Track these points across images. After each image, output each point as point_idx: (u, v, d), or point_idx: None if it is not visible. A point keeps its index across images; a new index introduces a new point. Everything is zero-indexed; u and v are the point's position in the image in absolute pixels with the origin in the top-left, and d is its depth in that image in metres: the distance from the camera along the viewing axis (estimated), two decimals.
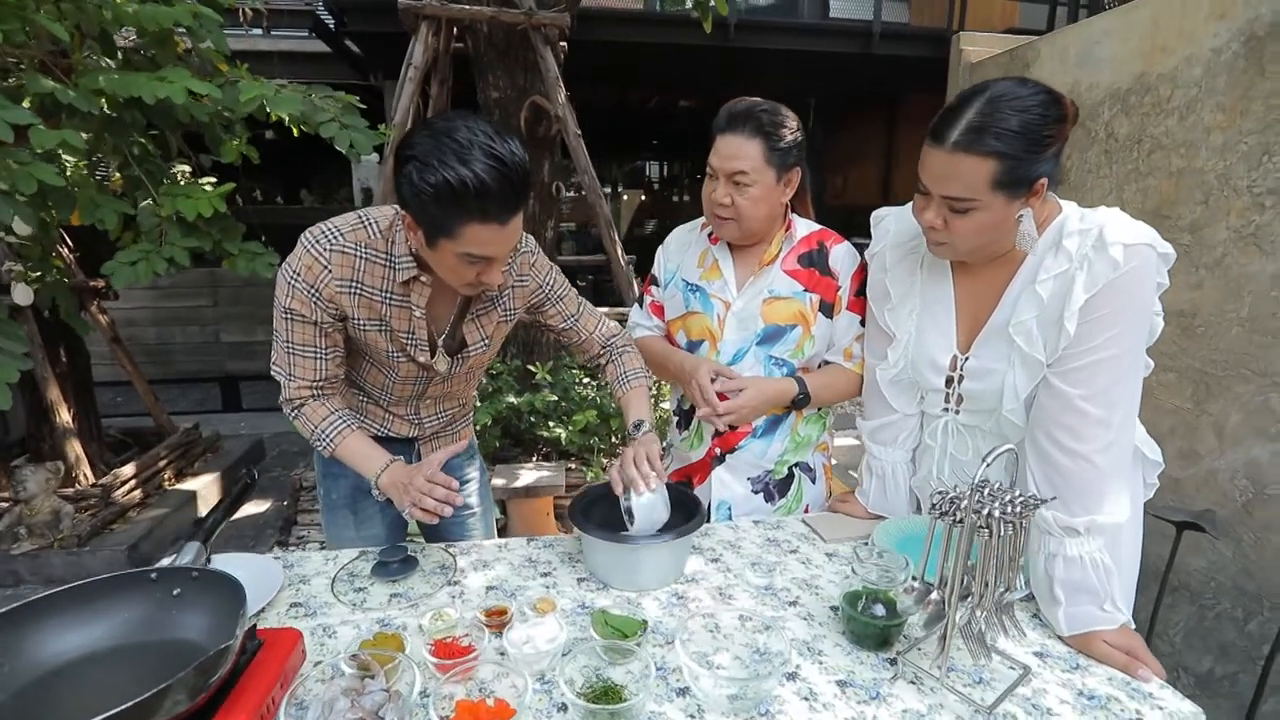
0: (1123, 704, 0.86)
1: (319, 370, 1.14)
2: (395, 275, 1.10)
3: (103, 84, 1.57)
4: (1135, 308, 0.98)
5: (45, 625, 0.74)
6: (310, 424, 1.16)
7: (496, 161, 0.93)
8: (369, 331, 1.13)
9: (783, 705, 0.85)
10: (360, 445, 1.16)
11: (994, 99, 0.94)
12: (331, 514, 1.37)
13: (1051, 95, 0.95)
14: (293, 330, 1.10)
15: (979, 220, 1.00)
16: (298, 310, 1.08)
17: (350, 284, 1.08)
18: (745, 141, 1.23)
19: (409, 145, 0.96)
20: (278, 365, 1.15)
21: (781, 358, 1.34)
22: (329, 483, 1.36)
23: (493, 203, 0.95)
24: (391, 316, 1.13)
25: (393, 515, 1.40)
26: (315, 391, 1.16)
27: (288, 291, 1.08)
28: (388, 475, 1.11)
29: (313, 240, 1.07)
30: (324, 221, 1.10)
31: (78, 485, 2.91)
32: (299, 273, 1.07)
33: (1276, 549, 1.60)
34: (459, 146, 0.93)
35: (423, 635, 0.94)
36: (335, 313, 1.10)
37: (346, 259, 1.07)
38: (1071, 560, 0.98)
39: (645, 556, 1.08)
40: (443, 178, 0.92)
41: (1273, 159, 1.59)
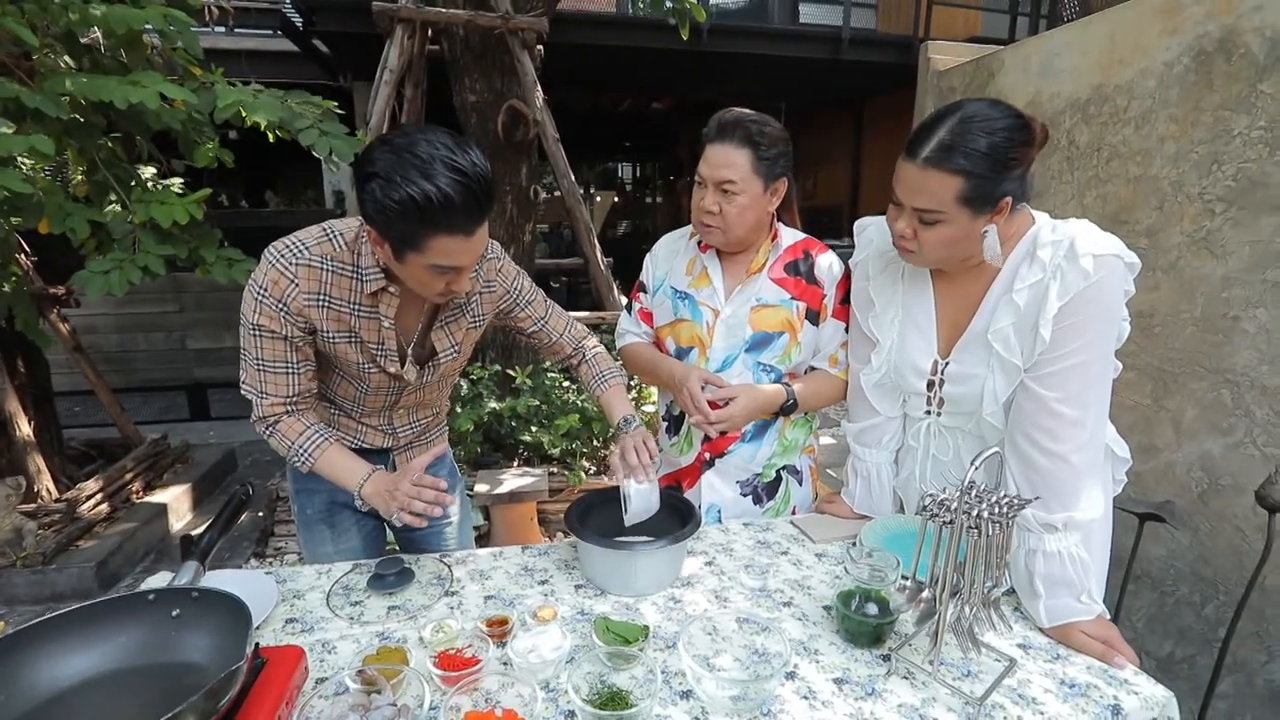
0: (1101, 691, 0.91)
1: (291, 386, 1.13)
2: (363, 287, 1.10)
3: (70, 87, 1.52)
4: (1105, 315, 1.04)
5: (42, 652, 0.72)
6: (286, 440, 1.14)
7: (459, 174, 0.94)
8: (338, 344, 1.13)
9: (784, 704, 0.87)
10: (339, 458, 1.15)
11: (965, 119, 0.99)
12: (307, 530, 1.35)
13: (1021, 120, 1.00)
14: (262, 347, 1.09)
15: (944, 233, 1.05)
16: (267, 326, 1.07)
17: (318, 297, 1.08)
18: (733, 151, 1.26)
19: (370, 162, 0.96)
20: (248, 384, 1.13)
21: (769, 364, 1.38)
22: (303, 498, 1.34)
23: (458, 215, 0.96)
24: (361, 328, 1.13)
25: (370, 528, 1.40)
26: (289, 407, 1.14)
27: (255, 308, 1.07)
28: (370, 484, 1.11)
29: (277, 255, 1.06)
30: (288, 236, 1.09)
31: (40, 501, 2.79)
32: (265, 288, 1.06)
33: (1229, 537, 1.69)
34: (420, 161, 0.93)
35: (425, 648, 0.94)
36: (304, 326, 1.09)
37: (313, 272, 1.07)
38: (1050, 555, 1.03)
39: (642, 562, 1.10)
40: (407, 194, 0.92)
41: (1221, 168, 1.67)
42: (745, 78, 6.57)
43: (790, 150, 1.32)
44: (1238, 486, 1.67)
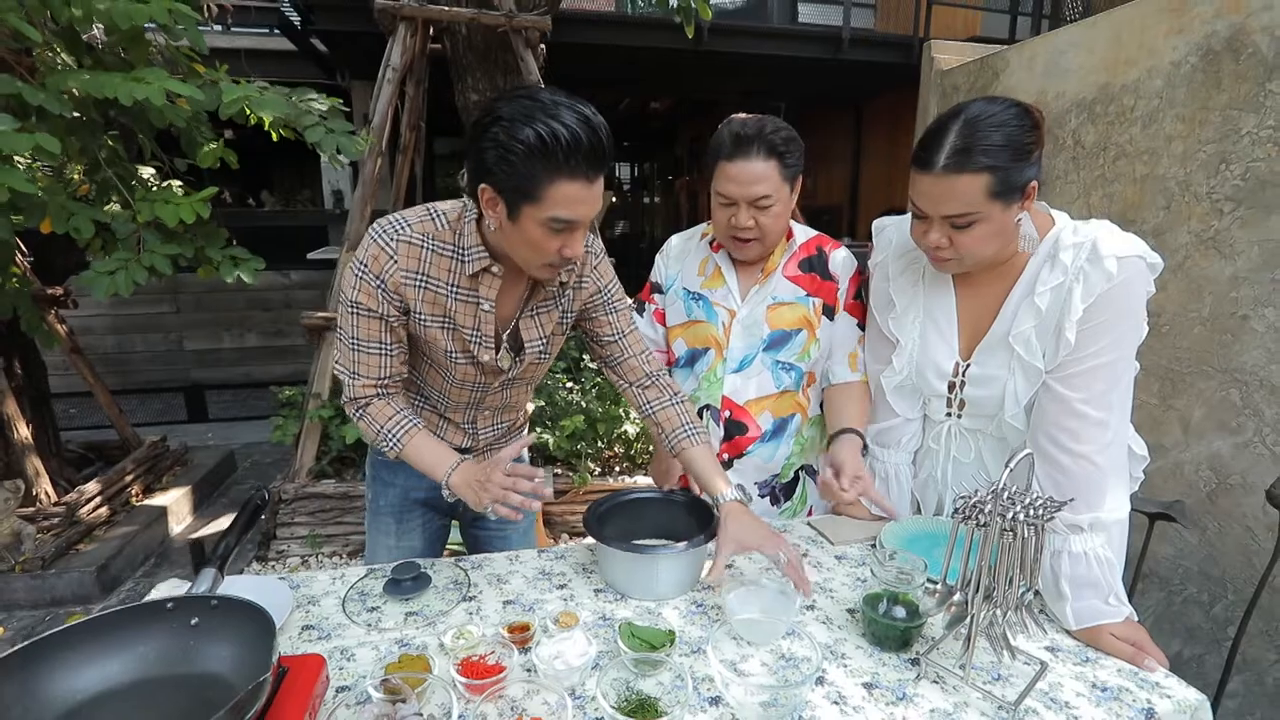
0: (1134, 694, 0.90)
1: (384, 367, 1.11)
2: (463, 268, 1.08)
3: (74, 84, 1.50)
4: (1128, 316, 1.04)
5: (59, 663, 0.70)
6: (376, 424, 1.12)
7: (583, 118, 0.94)
8: (430, 327, 1.11)
9: (814, 710, 0.86)
10: (428, 444, 1.13)
11: (971, 120, 0.99)
12: (375, 520, 1.35)
13: (1021, 106, 1.01)
14: (358, 325, 1.08)
15: (982, 231, 1.04)
16: (364, 304, 1.06)
17: (416, 275, 1.07)
18: (760, 164, 1.24)
19: (492, 111, 0.95)
20: (340, 364, 1.13)
21: (788, 361, 1.37)
22: (378, 487, 1.34)
23: (581, 157, 0.94)
24: (456, 311, 1.10)
25: (435, 528, 1.39)
26: (380, 390, 1.13)
27: (355, 284, 1.06)
28: (459, 474, 1.09)
29: (380, 231, 1.06)
30: (393, 213, 1.09)
31: (39, 504, 2.76)
32: (366, 264, 1.05)
33: (1238, 536, 1.69)
34: (545, 105, 0.93)
35: (446, 655, 0.92)
36: (400, 305, 1.08)
37: (413, 250, 1.06)
38: (1076, 556, 1.02)
39: (664, 566, 1.08)
40: (534, 131, 0.91)
41: (1229, 167, 1.67)
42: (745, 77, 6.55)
43: (803, 145, 1.31)
44: (1247, 486, 1.67)
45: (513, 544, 1.42)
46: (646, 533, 1.21)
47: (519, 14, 2.89)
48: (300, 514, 2.83)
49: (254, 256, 1.86)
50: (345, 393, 1.14)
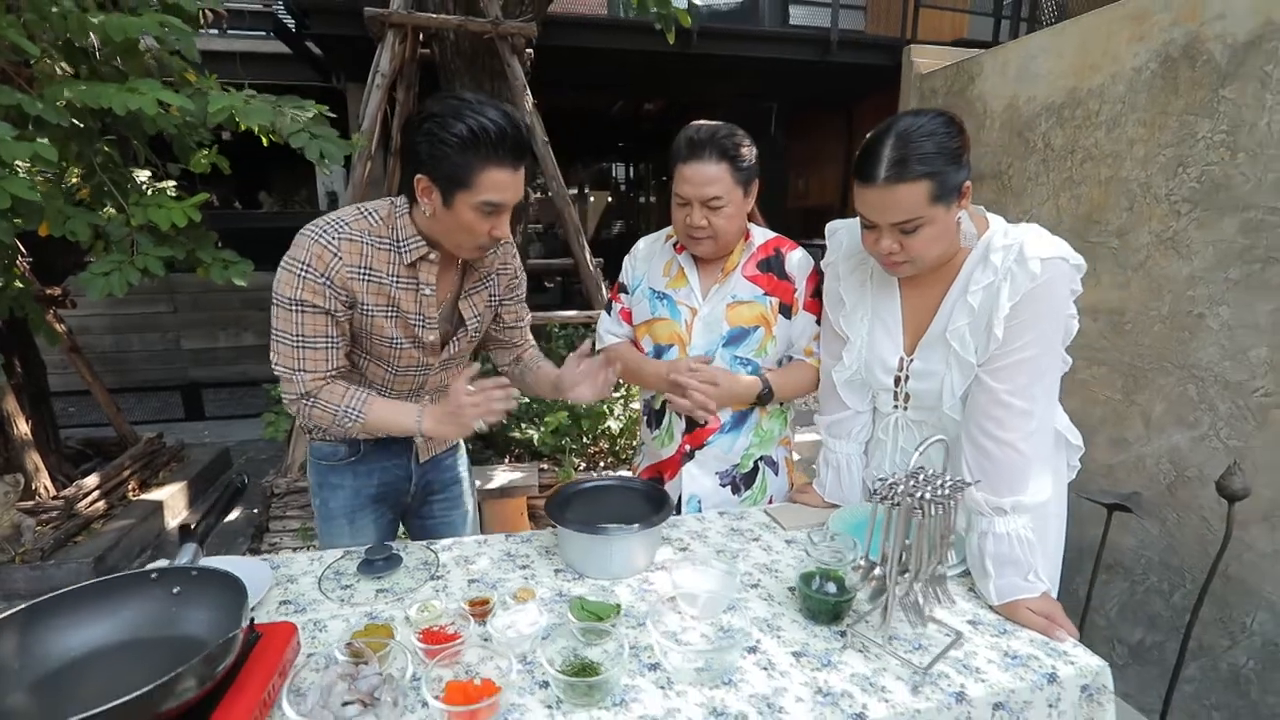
0: (1040, 661, 0.98)
1: (330, 360, 1.18)
2: (401, 258, 1.17)
3: (70, 95, 1.58)
4: (1051, 313, 1.11)
5: (53, 625, 0.78)
6: (331, 406, 1.19)
7: (504, 113, 1.08)
8: (376, 316, 1.18)
9: (744, 675, 0.94)
10: (387, 407, 1.22)
11: (902, 133, 1.07)
12: (327, 524, 1.41)
13: (946, 115, 1.09)
14: (303, 323, 1.14)
15: (929, 233, 1.11)
16: (309, 300, 1.13)
17: (360, 270, 1.15)
18: (712, 166, 1.32)
19: (423, 111, 1.08)
20: (282, 364, 1.17)
21: (746, 357, 1.44)
22: (326, 493, 1.40)
23: (507, 147, 1.08)
24: (400, 299, 1.19)
25: (385, 523, 1.45)
26: (326, 381, 1.20)
27: (297, 284, 1.12)
28: (429, 420, 1.19)
29: (319, 231, 1.13)
30: (323, 216, 1.17)
31: (38, 498, 2.84)
32: (308, 264, 1.12)
33: (1195, 526, 1.75)
34: (471, 104, 1.07)
35: (410, 626, 1.00)
36: (346, 299, 1.15)
37: (355, 246, 1.14)
38: (1000, 537, 1.10)
39: (617, 546, 1.16)
40: (465, 126, 1.04)
41: (1187, 170, 1.72)
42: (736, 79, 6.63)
43: (756, 150, 1.39)
44: (1202, 478, 1.72)
45: (456, 532, 1.50)
46: (605, 518, 1.29)
47: (504, 21, 2.97)
48: (292, 507, 2.91)
49: (243, 259, 1.94)
50: (288, 391, 1.19)
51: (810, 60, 6.05)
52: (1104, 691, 0.98)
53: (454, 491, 1.51)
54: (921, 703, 0.89)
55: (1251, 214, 1.57)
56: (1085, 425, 2.01)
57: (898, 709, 0.88)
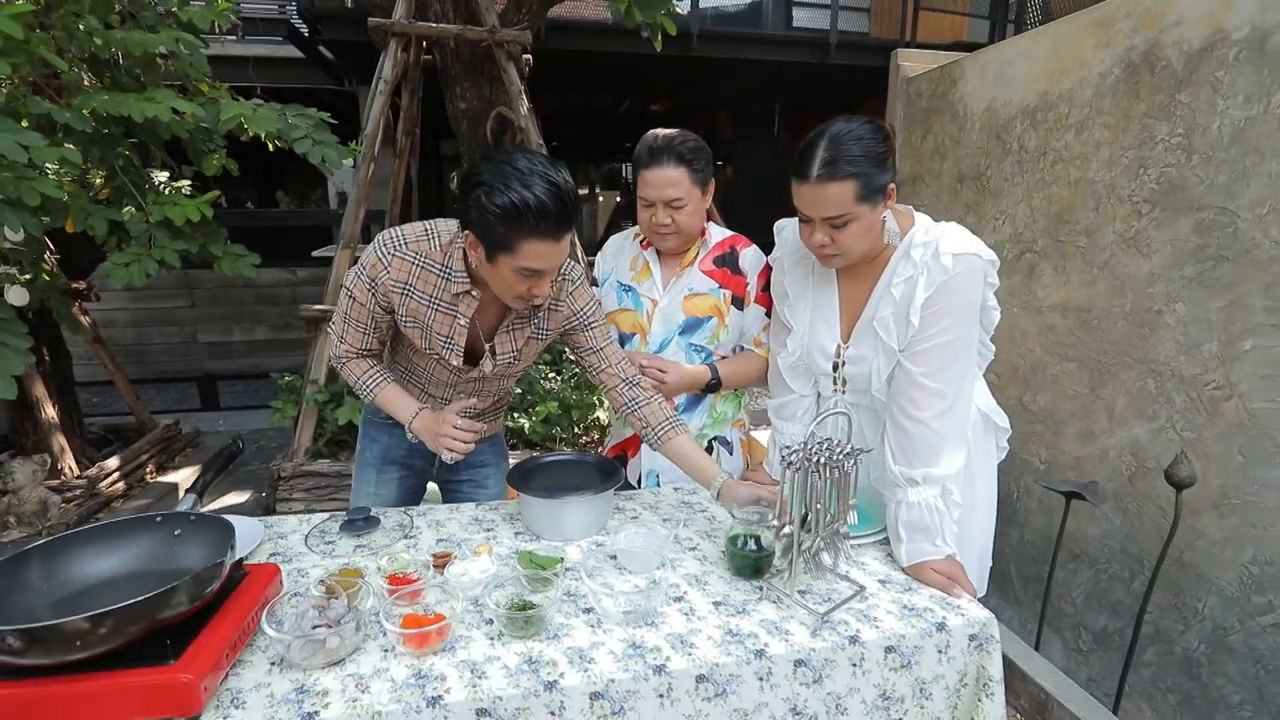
0: (934, 612, 1.10)
1: (364, 341, 1.37)
2: (448, 286, 1.27)
3: (94, 104, 1.75)
4: (963, 304, 1.22)
5: (74, 555, 0.93)
6: (354, 375, 1.39)
7: (553, 186, 1.10)
8: (409, 327, 1.34)
9: (666, 619, 1.07)
10: (395, 395, 1.39)
11: (834, 136, 1.18)
12: (361, 469, 1.59)
13: (874, 123, 1.21)
14: (350, 307, 1.33)
15: (856, 229, 1.23)
16: (357, 295, 1.31)
17: (403, 285, 1.28)
18: (671, 170, 1.46)
19: (476, 173, 1.13)
20: (333, 326, 1.39)
21: (700, 344, 1.58)
22: (365, 442, 1.59)
23: (549, 222, 1.11)
24: (434, 320, 1.31)
25: (410, 484, 1.61)
26: (359, 354, 1.39)
27: (354, 277, 1.30)
28: (419, 421, 1.34)
29: (382, 243, 1.28)
30: (398, 227, 1.30)
31: (63, 477, 3.05)
32: (365, 267, 1.28)
33: (1153, 516, 1.82)
34: (521, 174, 1.10)
35: (380, 573, 1.14)
36: (386, 305, 1.32)
37: (404, 265, 1.27)
38: (912, 505, 1.21)
39: (570, 510, 1.30)
40: (509, 200, 1.08)
41: (1147, 171, 1.79)
42: (738, 81, 6.74)
43: (710, 154, 1.53)
44: (1160, 469, 1.75)
45: (486, 498, 1.63)
46: (564, 488, 1.43)
47: (500, 29, 3.11)
48: (298, 490, 3.09)
49: (250, 253, 2.11)
50: (331, 349, 1.41)
51: (810, 62, 6.13)
52: (991, 641, 1.09)
53: (480, 474, 1.63)
54: (818, 644, 1.01)
55: (1204, 214, 1.64)
56: (1055, 419, 2.11)
57: (795, 647, 1.00)
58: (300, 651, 0.90)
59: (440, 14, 3.30)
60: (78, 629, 0.72)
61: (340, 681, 0.90)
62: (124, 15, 2.12)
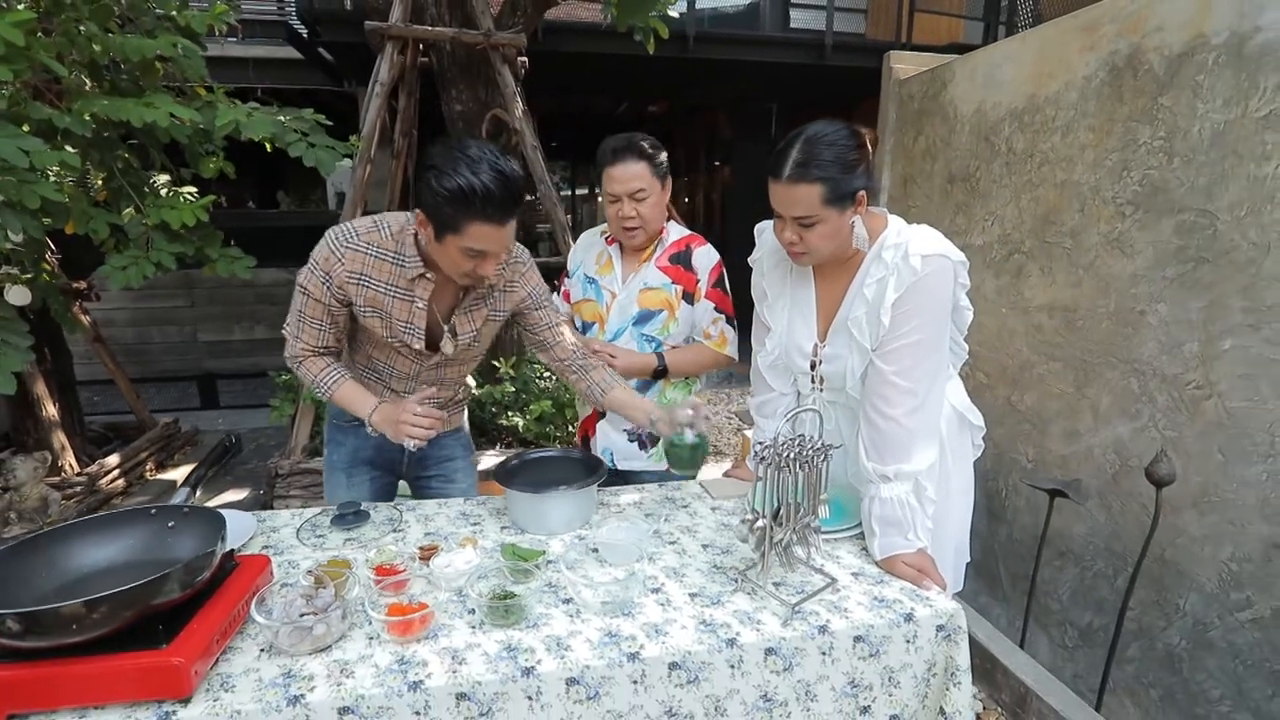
0: (903, 604, 1.13)
1: (320, 339, 1.40)
2: (403, 272, 1.34)
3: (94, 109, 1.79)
4: (931, 304, 1.26)
5: (72, 545, 0.97)
6: (311, 374, 1.41)
7: (499, 174, 1.18)
8: (369, 317, 1.37)
9: (643, 609, 1.10)
10: (353, 391, 1.41)
11: (809, 139, 1.21)
12: (331, 474, 1.62)
13: (850, 129, 1.23)
14: (305, 304, 1.36)
15: (822, 231, 1.26)
16: (311, 290, 1.34)
17: (358, 276, 1.33)
18: (634, 165, 1.57)
19: (430, 157, 1.20)
20: (289, 325, 1.40)
21: (651, 335, 1.69)
22: (332, 447, 1.61)
23: (494, 206, 1.19)
24: (393, 307, 1.36)
25: (383, 483, 1.64)
26: (314, 352, 1.42)
27: (308, 273, 1.34)
28: (379, 414, 1.37)
29: (334, 237, 1.33)
30: (347, 222, 1.36)
31: (63, 474, 3.09)
32: (318, 261, 1.33)
33: (1135, 513, 1.85)
34: (470, 160, 1.17)
35: (367, 565, 1.18)
36: (342, 298, 1.35)
37: (358, 255, 1.32)
38: (885, 500, 1.25)
39: (554, 504, 1.34)
40: (457, 184, 1.15)
41: (1130, 174, 1.81)
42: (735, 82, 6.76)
43: (666, 154, 1.64)
44: (1142, 467, 1.78)
45: (458, 493, 1.66)
46: (549, 483, 1.46)
47: (495, 33, 3.15)
48: (295, 487, 3.13)
49: (245, 255, 2.16)
50: (288, 350, 1.41)
51: (806, 64, 6.16)
52: (959, 631, 1.13)
53: (449, 468, 1.67)
54: (788, 633, 1.05)
55: (1185, 216, 1.66)
56: (1042, 418, 2.14)
57: (766, 636, 1.04)
58: (288, 638, 0.94)
59: (436, 17, 3.34)
60: (74, 613, 0.76)
61: (326, 667, 0.94)
62: (123, 19, 2.16)
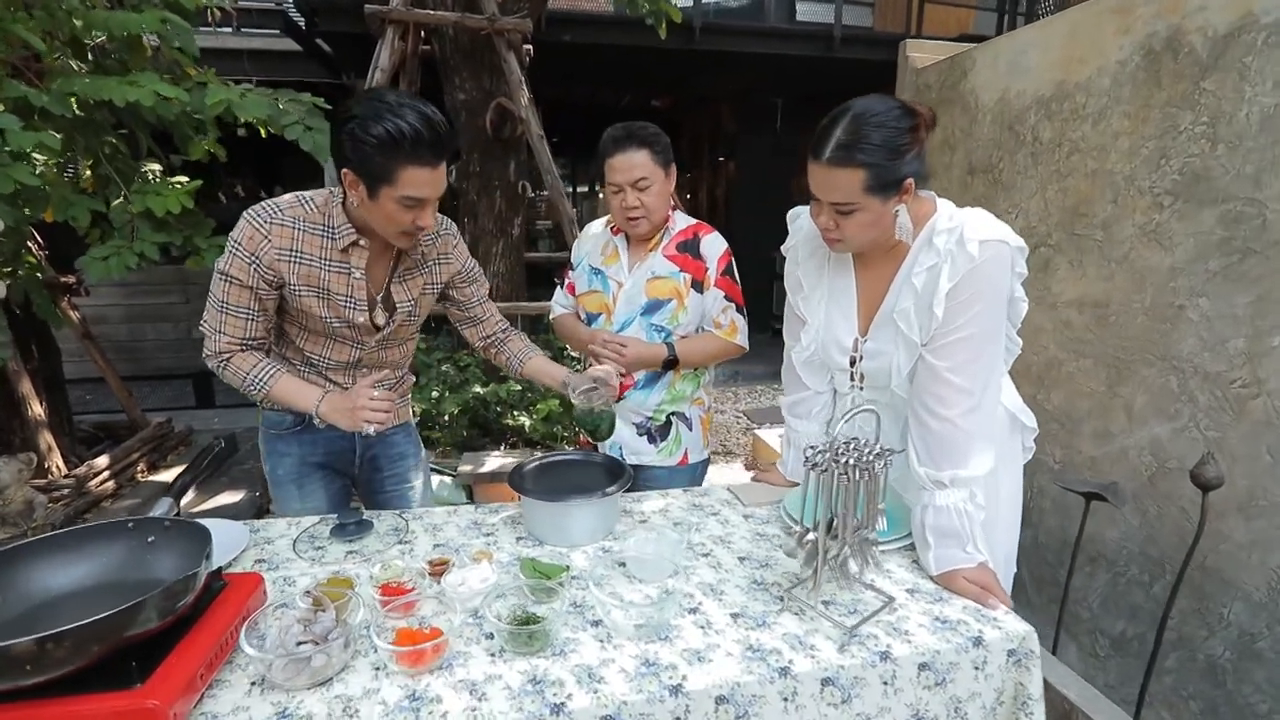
0: (969, 625, 1.02)
1: (247, 329, 1.27)
2: (334, 244, 1.25)
3: (75, 88, 1.66)
4: (990, 293, 1.14)
5: (35, 565, 0.85)
6: (241, 372, 1.28)
7: (423, 115, 1.13)
8: (304, 297, 1.26)
9: (681, 632, 0.99)
10: (292, 385, 1.30)
11: (856, 116, 1.09)
12: (278, 489, 1.49)
13: (905, 108, 1.11)
14: (228, 292, 1.24)
15: (862, 219, 1.15)
16: (234, 275, 1.22)
17: (289, 253, 1.23)
18: (635, 154, 1.52)
19: (346, 111, 1.14)
20: (207, 322, 1.27)
21: (660, 325, 1.62)
22: (274, 460, 1.47)
23: (424, 147, 1.13)
24: (330, 282, 1.27)
25: (336, 488, 1.52)
26: (242, 347, 1.28)
27: (228, 258, 1.23)
28: (326, 404, 1.26)
29: (254, 215, 1.23)
30: (266, 200, 1.25)
31: (50, 477, 2.96)
32: (240, 242, 1.21)
33: (1174, 518, 1.76)
34: (391, 106, 1.12)
35: (372, 582, 1.06)
36: (272, 279, 1.24)
37: (286, 230, 1.23)
38: (940, 509, 1.13)
39: (576, 514, 1.22)
40: (383, 129, 1.10)
41: (1169, 162, 1.73)
42: (741, 75, 6.65)
43: (669, 141, 1.59)
44: (1182, 469, 1.71)
45: (409, 503, 1.57)
46: (568, 490, 1.35)
47: (500, 17, 3.03)
48: None
49: None
50: (208, 348, 1.28)
51: (814, 56, 6.05)
52: (1031, 656, 1.02)
53: (401, 467, 1.57)
54: (846, 660, 0.94)
55: (1230, 206, 1.58)
56: (1071, 418, 2.04)
57: (822, 664, 0.92)
58: (283, 671, 0.82)
59: (439, 1, 3.22)
60: (27, 652, 0.64)
61: (327, 704, 0.82)
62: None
